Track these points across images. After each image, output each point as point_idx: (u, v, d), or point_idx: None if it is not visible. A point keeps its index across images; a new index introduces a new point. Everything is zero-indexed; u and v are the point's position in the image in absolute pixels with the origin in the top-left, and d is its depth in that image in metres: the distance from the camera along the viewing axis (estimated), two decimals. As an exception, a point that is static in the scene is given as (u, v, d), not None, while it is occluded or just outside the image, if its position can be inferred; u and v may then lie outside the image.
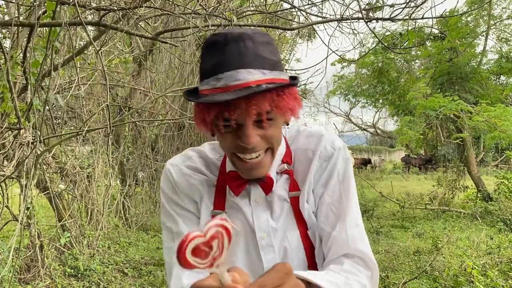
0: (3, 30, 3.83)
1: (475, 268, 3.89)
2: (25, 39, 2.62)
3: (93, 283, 3.91)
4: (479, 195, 8.67)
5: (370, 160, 20.96)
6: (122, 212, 5.92)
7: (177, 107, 5.76)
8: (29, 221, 3.41)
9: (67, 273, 3.94)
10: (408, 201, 8.63)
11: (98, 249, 4.59)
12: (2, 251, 2.97)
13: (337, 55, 3.04)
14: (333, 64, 12.32)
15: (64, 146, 4.52)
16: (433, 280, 4.17)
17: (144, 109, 5.53)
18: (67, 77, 3.77)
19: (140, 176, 6.67)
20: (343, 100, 14.05)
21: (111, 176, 5.10)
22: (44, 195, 4.12)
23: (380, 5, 2.77)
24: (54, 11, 2.21)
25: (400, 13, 2.71)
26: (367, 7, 2.77)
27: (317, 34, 3.54)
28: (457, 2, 3.12)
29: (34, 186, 3.53)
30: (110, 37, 3.80)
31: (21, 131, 2.59)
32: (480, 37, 9.69)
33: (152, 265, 4.55)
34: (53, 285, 3.70)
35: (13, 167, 2.72)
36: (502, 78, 11.52)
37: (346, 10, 2.81)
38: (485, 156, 14.92)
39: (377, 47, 9.54)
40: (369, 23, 2.71)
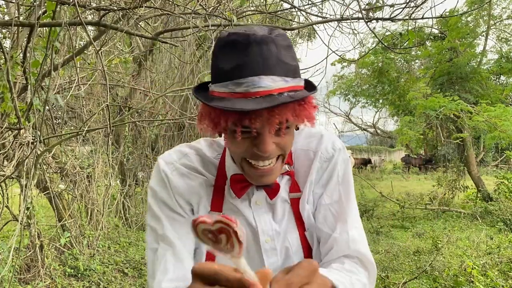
0: (3, 30, 3.83)
1: (475, 268, 3.89)
2: (25, 39, 2.62)
3: (93, 283, 3.91)
4: (479, 195, 8.67)
5: (370, 160, 20.96)
6: (122, 212, 5.92)
7: (177, 107, 5.76)
8: (29, 221, 3.41)
9: (67, 273, 3.94)
10: (408, 201, 8.63)
11: (98, 249, 4.59)
12: (2, 251, 2.97)
13: (337, 55, 3.04)
14: (333, 64, 12.32)
15: (64, 146, 4.52)
16: (433, 280, 4.17)
17: (144, 109, 5.53)
18: (67, 77, 3.78)
19: (140, 176, 6.67)
20: (343, 100, 14.06)
21: (111, 176, 5.10)
22: (44, 195, 4.12)
23: (380, 5, 2.78)
24: (54, 11, 2.21)
25: (400, 13, 2.71)
26: (367, 7, 2.77)
27: (317, 34, 3.54)
28: (457, 2, 3.12)
29: (34, 186, 3.53)
30: (110, 37, 3.80)
31: (21, 131, 2.59)
32: (480, 37, 9.69)
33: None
34: (53, 285, 3.69)
35: (13, 167, 2.72)
36: (502, 78, 11.53)
37: (346, 10, 2.82)
38: (485, 156, 14.92)
39: (377, 47, 9.54)
40: (369, 23, 2.71)
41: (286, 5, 3.79)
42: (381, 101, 12.93)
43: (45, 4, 2.18)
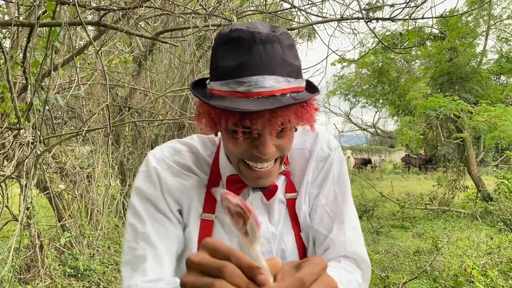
0: (3, 30, 3.83)
1: (475, 268, 3.89)
2: (25, 39, 2.62)
3: (93, 283, 3.91)
4: (479, 195, 8.67)
5: (370, 160, 20.94)
6: (122, 212, 5.91)
7: (177, 107, 5.76)
8: (29, 221, 3.41)
9: (67, 273, 3.94)
10: (408, 201, 8.63)
11: (98, 249, 4.59)
12: (2, 251, 2.97)
13: (337, 55, 3.05)
14: (333, 64, 12.32)
15: (64, 146, 4.52)
16: (433, 280, 4.17)
17: (144, 109, 5.53)
18: (67, 77, 3.78)
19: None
20: (343, 100, 14.07)
21: (111, 176, 5.10)
22: (44, 195, 4.12)
23: (380, 5, 2.78)
24: (54, 11, 2.21)
25: (400, 13, 2.71)
26: (367, 7, 2.77)
27: (317, 34, 3.54)
28: (457, 2, 3.12)
29: (34, 186, 3.53)
30: (110, 37, 3.80)
31: (21, 131, 2.58)
32: (480, 37, 9.70)
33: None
34: (53, 285, 3.69)
35: (13, 167, 2.72)
36: (502, 78, 11.55)
37: (346, 10, 2.82)
38: (485, 156, 14.92)
39: (377, 47, 9.55)
40: (369, 23, 2.71)
41: (286, 5, 3.79)
42: (381, 101, 12.94)
43: (45, 4, 2.18)
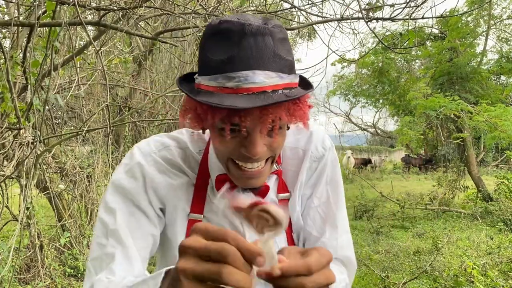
0: (3, 30, 3.83)
1: (475, 268, 3.89)
2: (25, 39, 2.62)
3: (93, 283, 3.91)
4: (479, 195, 8.67)
5: (370, 160, 20.93)
6: (122, 212, 5.91)
7: (177, 107, 5.76)
8: (29, 221, 3.41)
9: (67, 273, 3.94)
10: (408, 201, 8.62)
11: (98, 249, 4.59)
12: (2, 251, 2.97)
13: (337, 55, 3.04)
14: (333, 64, 12.33)
15: (64, 146, 4.52)
16: (433, 280, 4.16)
17: (144, 109, 5.53)
18: (67, 77, 3.77)
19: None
20: (343, 100, 14.07)
21: (111, 176, 5.09)
22: (44, 195, 4.12)
23: (380, 5, 2.77)
24: (54, 11, 2.20)
25: (400, 13, 2.71)
26: (367, 7, 2.77)
27: (317, 34, 3.54)
28: (457, 2, 3.12)
29: (34, 186, 3.53)
30: (110, 37, 3.80)
31: (21, 131, 2.58)
32: (480, 37, 9.70)
33: (152, 265, 4.55)
34: (53, 285, 3.69)
35: (13, 167, 2.72)
36: (502, 78, 11.55)
37: (346, 10, 2.82)
38: (485, 156, 14.90)
39: (377, 47, 9.54)
40: (369, 23, 2.71)
41: (286, 5, 3.79)
42: (381, 101, 12.94)
43: (45, 4, 2.18)
